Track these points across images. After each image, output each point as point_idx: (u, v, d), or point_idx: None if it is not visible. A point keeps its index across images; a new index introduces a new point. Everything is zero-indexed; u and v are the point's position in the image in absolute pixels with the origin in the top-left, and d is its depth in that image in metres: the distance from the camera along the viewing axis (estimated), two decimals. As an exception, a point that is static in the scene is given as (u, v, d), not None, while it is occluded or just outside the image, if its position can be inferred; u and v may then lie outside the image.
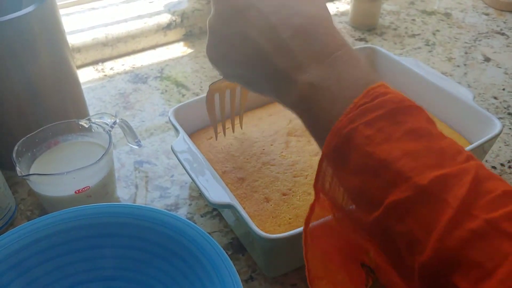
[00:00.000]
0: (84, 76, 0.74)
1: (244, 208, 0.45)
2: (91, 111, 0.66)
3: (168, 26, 0.82)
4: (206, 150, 0.52)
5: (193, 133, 0.55)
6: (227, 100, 0.51)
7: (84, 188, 0.48)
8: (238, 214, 0.41)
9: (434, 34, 0.86)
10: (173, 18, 0.82)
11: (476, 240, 0.23)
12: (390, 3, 0.96)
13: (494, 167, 0.58)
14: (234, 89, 0.50)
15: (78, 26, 0.79)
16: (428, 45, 0.82)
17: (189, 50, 0.81)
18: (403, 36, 0.85)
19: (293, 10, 0.32)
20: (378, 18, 0.87)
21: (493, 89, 0.71)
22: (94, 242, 0.40)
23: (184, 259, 0.38)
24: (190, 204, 0.53)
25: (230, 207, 0.42)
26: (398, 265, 0.27)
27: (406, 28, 0.88)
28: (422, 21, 0.90)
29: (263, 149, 0.51)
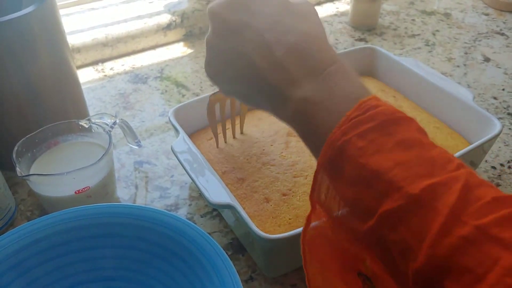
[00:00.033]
0: (84, 76, 0.74)
1: (244, 209, 0.45)
2: (91, 111, 0.66)
3: (168, 27, 0.82)
4: (206, 151, 0.52)
5: (193, 133, 0.55)
6: (227, 108, 0.52)
7: (84, 188, 0.48)
8: (238, 214, 0.41)
9: (434, 34, 0.86)
10: (173, 18, 0.82)
11: (467, 246, 0.24)
12: (390, 3, 0.97)
13: (494, 167, 0.58)
14: (234, 99, 0.51)
15: (78, 26, 0.79)
16: (428, 45, 0.83)
17: (189, 51, 0.81)
18: (403, 36, 0.85)
19: (287, 28, 0.33)
20: (378, 18, 0.87)
21: (492, 89, 0.71)
22: (94, 243, 0.40)
23: (184, 259, 0.39)
24: (190, 205, 0.53)
25: (230, 207, 0.42)
26: (393, 272, 0.28)
27: (406, 28, 0.88)
28: (422, 21, 0.90)
29: (263, 150, 0.51)
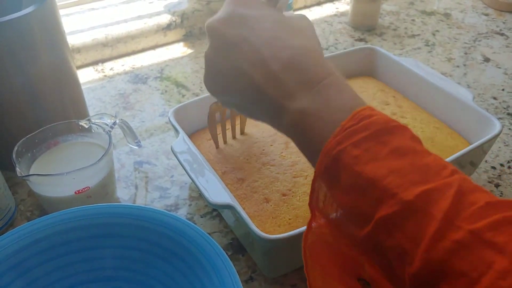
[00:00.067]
0: (84, 76, 0.74)
1: (244, 209, 0.45)
2: (91, 111, 0.66)
3: (168, 27, 0.82)
4: (206, 151, 0.52)
5: (193, 134, 0.55)
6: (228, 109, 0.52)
7: (84, 188, 0.48)
8: (238, 214, 0.41)
9: (433, 34, 0.86)
10: (173, 18, 0.82)
11: (461, 250, 0.24)
12: (389, 3, 0.97)
13: (494, 167, 0.58)
14: None
15: (78, 26, 0.79)
16: (428, 45, 0.83)
17: (189, 51, 0.81)
18: (403, 36, 0.85)
19: (283, 43, 0.34)
20: (377, 19, 0.87)
21: (492, 90, 0.71)
22: (94, 243, 0.40)
23: (184, 260, 0.39)
24: (190, 205, 0.53)
25: (230, 207, 0.42)
26: (391, 277, 0.28)
27: (405, 28, 0.88)
28: (422, 21, 0.90)
29: (263, 150, 0.51)
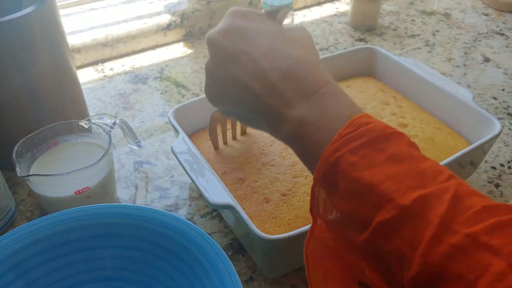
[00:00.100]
0: (84, 76, 0.74)
1: (244, 209, 0.45)
2: (91, 111, 0.66)
3: (168, 27, 0.82)
4: (206, 151, 0.52)
5: (193, 134, 0.55)
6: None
7: (84, 188, 0.48)
8: (238, 214, 0.41)
9: (433, 34, 0.86)
10: (173, 18, 0.82)
11: (458, 254, 0.25)
12: (389, 3, 0.97)
13: (494, 168, 0.58)
14: None
15: (78, 26, 0.79)
16: (428, 45, 0.83)
17: (189, 51, 0.81)
18: (403, 36, 0.85)
19: (281, 54, 0.35)
20: (377, 19, 0.87)
21: (492, 90, 0.71)
22: (94, 243, 0.40)
23: (184, 260, 0.39)
24: (190, 205, 0.53)
25: (229, 207, 0.42)
26: (390, 281, 0.29)
27: (405, 28, 0.88)
28: (422, 21, 0.90)
29: (263, 150, 0.51)
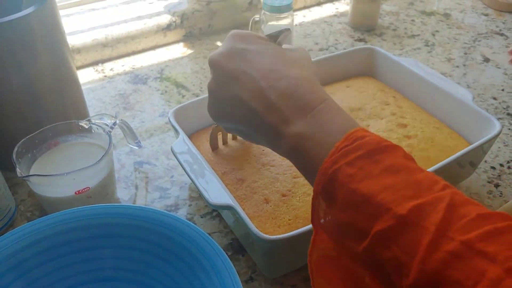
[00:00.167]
0: (84, 77, 0.75)
1: (243, 209, 0.45)
2: (91, 112, 0.66)
3: (168, 27, 0.82)
4: (206, 151, 0.52)
5: (193, 134, 0.55)
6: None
7: (84, 189, 0.48)
8: (237, 215, 0.41)
9: (433, 34, 0.86)
10: (173, 19, 0.82)
11: (454, 261, 0.25)
12: (389, 3, 0.97)
13: (494, 168, 0.58)
14: None
15: (78, 27, 0.79)
16: (428, 45, 0.83)
17: (189, 51, 0.81)
18: (403, 36, 0.85)
19: (279, 74, 0.36)
20: (377, 19, 0.88)
21: (492, 90, 0.71)
22: (94, 243, 0.40)
23: (184, 260, 0.39)
24: (190, 205, 0.53)
25: (229, 208, 0.42)
26: None
27: (405, 28, 0.88)
28: (422, 21, 0.90)
29: (263, 150, 0.51)
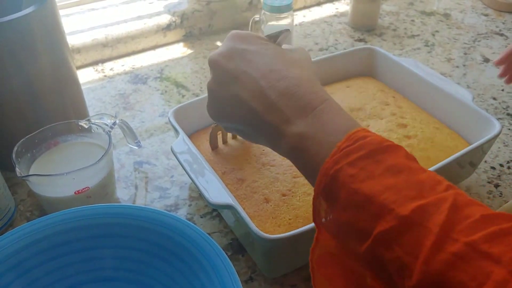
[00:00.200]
0: (84, 76, 0.74)
1: (244, 209, 0.45)
2: (91, 111, 0.66)
3: (168, 27, 0.82)
4: (206, 151, 0.52)
5: (193, 134, 0.55)
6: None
7: (83, 188, 0.48)
8: (238, 214, 0.41)
9: (433, 34, 0.86)
10: (173, 19, 0.82)
11: (458, 262, 0.25)
12: (389, 3, 0.97)
13: (493, 168, 0.58)
14: None
15: (78, 26, 0.79)
16: (428, 45, 0.83)
17: (189, 51, 0.81)
18: (403, 36, 0.85)
19: (279, 75, 0.36)
20: (377, 19, 0.88)
21: (492, 90, 0.71)
22: (94, 243, 0.40)
23: (183, 260, 0.39)
24: (190, 205, 0.53)
25: (230, 207, 0.42)
26: None
27: (405, 28, 0.88)
28: (421, 21, 0.90)
29: (263, 150, 0.51)
